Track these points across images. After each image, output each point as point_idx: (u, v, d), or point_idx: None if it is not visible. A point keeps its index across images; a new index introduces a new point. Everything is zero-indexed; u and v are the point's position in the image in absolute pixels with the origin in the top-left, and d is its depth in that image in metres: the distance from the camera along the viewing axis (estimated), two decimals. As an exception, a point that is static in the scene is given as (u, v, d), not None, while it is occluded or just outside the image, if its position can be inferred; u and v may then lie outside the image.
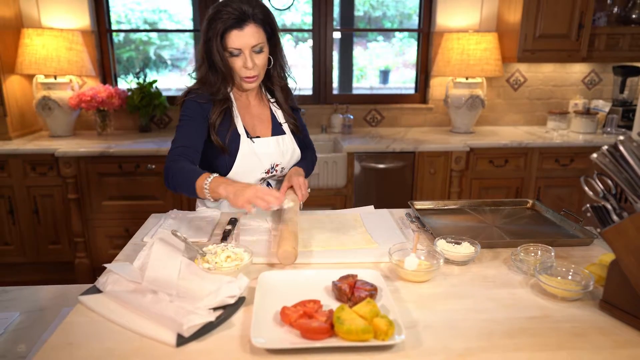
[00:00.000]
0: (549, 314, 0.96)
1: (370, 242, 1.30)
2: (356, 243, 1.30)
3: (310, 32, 3.30)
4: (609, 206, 0.96)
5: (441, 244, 1.21)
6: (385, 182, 2.85)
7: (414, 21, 3.66)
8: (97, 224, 2.76)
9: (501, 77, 3.29)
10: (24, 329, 1.25)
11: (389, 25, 5.39)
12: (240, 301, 0.97)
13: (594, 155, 0.92)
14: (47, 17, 3.00)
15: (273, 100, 1.60)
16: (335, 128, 3.18)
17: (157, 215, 1.54)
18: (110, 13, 3.20)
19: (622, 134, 3.03)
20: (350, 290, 0.98)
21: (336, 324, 0.85)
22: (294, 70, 1.63)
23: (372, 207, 1.61)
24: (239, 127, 1.50)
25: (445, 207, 1.60)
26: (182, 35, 5.12)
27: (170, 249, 1.14)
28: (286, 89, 1.59)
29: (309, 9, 3.33)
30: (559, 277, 1.07)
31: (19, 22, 2.94)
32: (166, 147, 2.68)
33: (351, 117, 3.17)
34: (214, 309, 0.93)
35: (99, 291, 1.02)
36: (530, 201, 1.61)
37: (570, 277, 1.07)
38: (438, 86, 3.33)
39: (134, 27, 4.62)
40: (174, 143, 1.43)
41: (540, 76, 3.37)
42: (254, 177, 1.53)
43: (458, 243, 1.21)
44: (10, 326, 1.25)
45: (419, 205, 1.58)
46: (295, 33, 4.91)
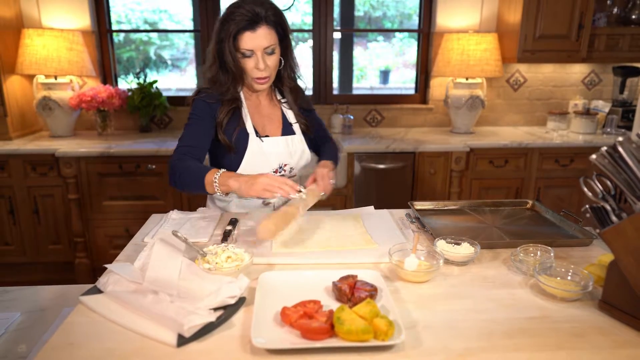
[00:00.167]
0: (549, 314, 0.97)
1: (370, 242, 1.30)
2: (356, 243, 1.30)
3: (310, 32, 3.30)
4: (608, 207, 0.96)
5: (441, 245, 1.21)
6: (385, 182, 2.85)
7: (414, 21, 3.66)
8: (97, 224, 2.76)
9: (501, 77, 3.29)
10: (25, 329, 1.25)
11: (389, 25, 5.39)
12: (240, 301, 0.98)
13: (593, 157, 0.92)
14: (48, 18, 3.00)
15: (284, 100, 1.60)
16: (336, 128, 3.18)
17: (158, 216, 1.55)
18: (111, 13, 3.20)
19: (621, 134, 3.04)
20: (350, 291, 0.98)
21: (336, 324, 0.85)
22: (295, 70, 1.63)
23: (372, 207, 1.61)
24: (248, 126, 1.51)
25: (445, 208, 1.60)
26: (182, 35, 5.12)
27: (170, 250, 1.14)
28: (296, 90, 1.60)
29: (309, 9, 3.33)
30: (559, 278, 1.07)
31: (20, 22, 2.94)
32: (166, 147, 2.68)
33: (351, 117, 3.18)
34: (215, 309, 0.94)
35: (99, 291, 1.03)
36: (530, 202, 1.61)
37: (569, 277, 1.07)
38: (438, 86, 3.34)
39: (134, 27, 4.63)
40: (180, 141, 1.45)
41: (540, 77, 3.37)
42: None
43: (458, 243, 1.22)
44: (11, 326, 1.25)
45: (419, 205, 1.59)
46: (295, 33, 4.92)
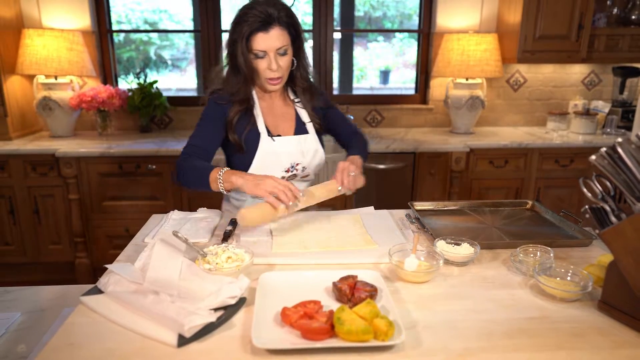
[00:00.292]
0: (548, 315, 0.97)
1: (370, 242, 1.31)
2: (356, 244, 1.30)
3: (310, 32, 3.30)
4: (607, 208, 0.96)
5: (441, 245, 1.21)
6: (385, 182, 2.85)
7: (414, 21, 3.66)
8: (97, 224, 2.76)
9: (501, 77, 3.29)
10: (25, 329, 1.25)
11: (389, 25, 5.40)
12: (241, 302, 0.98)
13: (593, 158, 0.92)
14: (48, 18, 3.00)
15: (297, 100, 1.60)
16: (336, 128, 3.18)
17: (158, 216, 1.55)
18: (111, 13, 3.20)
19: (621, 135, 3.05)
20: (350, 291, 0.98)
21: (336, 324, 0.85)
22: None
23: (372, 207, 1.61)
24: (260, 126, 1.52)
25: (445, 208, 1.60)
26: (182, 35, 5.12)
27: (171, 250, 1.14)
28: (309, 90, 1.59)
29: (309, 9, 3.33)
30: (558, 278, 1.07)
31: (20, 22, 2.94)
32: (166, 147, 2.69)
33: (351, 117, 3.18)
34: (215, 309, 0.94)
35: (100, 292, 1.03)
36: (530, 202, 1.61)
37: (569, 277, 1.07)
38: (438, 87, 3.34)
39: (134, 27, 4.63)
40: (189, 139, 1.50)
41: (540, 77, 3.38)
42: (274, 175, 1.54)
43: (458, 244, 1.22)
44: (11, 326, 1.26)
45: (419, 206, 1.59)
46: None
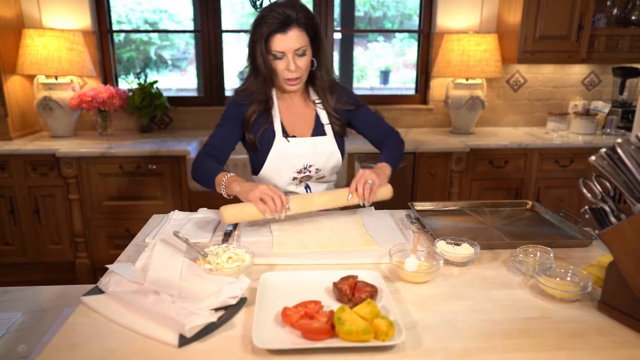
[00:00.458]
0: (548, 315, 0.97)
1: (371, 243, 1.31)
2: (356, 244, 1.30)
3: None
4: (607, 208, 0.96)
5: (441, 245, 1.21)
6: (385, 182, 2.85)
7: (415, 21, 3.66)
8: (97, 224, 2.76)
9: (501, 78, 3.29)
10: (26, 330, 1.25)
11: (389, 25, 5.40)
12: (241, 302, 0.98)
13: (592, 158, 0.92)
14: (48, 18, 3.00)
15: (318, 101, 1.60)
16: (336, 129, 3.18)
17: (159, 216, 1.55)
18: (111, 13, 3.20)
19: (621, 135, 3.05)
20: (350, 291, 0.98)
21: (337, 324, 0.85)
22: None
23: (372, 208, 1.61)
24: (276, 126, 1.54)
25: (445, 208, 1.61)
26: (182, 35, 5.11)
27: (172, 250, 1.14)
28: (331, 90, 1.59)
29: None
30: (558, 278, 1.07)
31: (20, 22, 2.95)
32: (167, 147, 2.69)
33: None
34: (216, 309, 0.94)
35: (101, 292, 1.03)
36: (530, 202, 1.61)
37: (568, 278, 1.07)
38: (438, 87, 3.34)
39: (134, 27, 4.63)
40: (209, 139, 1.54)
41: (540, 77, 3.38)
42: (286, 175, 1.56)
43: (458, 244, 1.22)
44: (12, 326, 1.26)
45: (419, 206, 1.59)
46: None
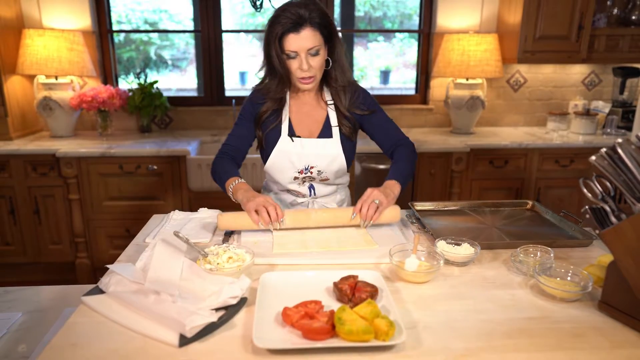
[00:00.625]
0: (548, 315, 0.97)
1: (371, 243, 1.31)
2: (357, 244, 1.30)
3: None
4: (607, 208, 0.96)
5: (441, 245, 1.21)
6: (385, 182, 2.85)
7: (415, 21, 3.66)
8: (98, 224, 2.77)
9: (501, 78, 3.29)
10: (26, 330, 1.25)
11: (389, 25, 5.40)
12: (242, 302, 0.98)
13: (593, 158, 0.92)
14: (48, 18, 3.00)
15: (330, 102, 1.59)
16: (336, 129, 3.18)
17: (159, 216, 1.55)
18: (111, 13, 3.20)
19: (621, 135, 3.05)
20: (351, 291, 0.98)
21: (337, 324, 0.85)
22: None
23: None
24: (283, 125, 1.57)
25: (446, 208, 1.61)
26: (182, 35, 5.11)
27: (172, 250, 1.14)
28: (346, 91, 1.57)
29: (309, 9, 3.33)
30: (558, 278, 1.07)
31: (20, 22, 2.95)
32: (167, 147, 2.69)
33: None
34: (216, 309, 0.94)
35: (101, 292, 1.03)
36: (530, 202, 1.61)
37: (569, 278, 1.07)
38: (438, 87, 3.34)
39: (134, 27, 4.63)
40: (227, 138, 1.60)
41: (541, 77, 3.38)
42: (287, 174, 1.58)
43: (458, 244, 1.22)
44: (12, 326, 1.26)
45: (419, 206, 1.59)
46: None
